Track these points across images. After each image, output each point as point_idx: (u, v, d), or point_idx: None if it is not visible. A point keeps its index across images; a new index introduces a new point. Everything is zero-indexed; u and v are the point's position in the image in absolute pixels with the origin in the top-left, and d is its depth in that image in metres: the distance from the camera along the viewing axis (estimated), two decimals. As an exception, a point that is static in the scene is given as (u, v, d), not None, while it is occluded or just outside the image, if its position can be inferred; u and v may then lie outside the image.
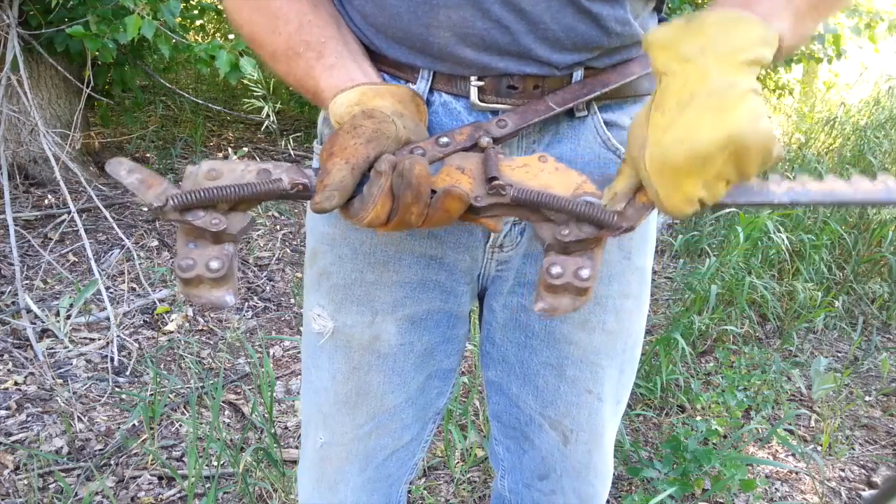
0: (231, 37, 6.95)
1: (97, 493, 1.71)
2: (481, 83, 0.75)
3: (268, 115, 2.79)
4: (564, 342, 0.88)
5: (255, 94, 2.79)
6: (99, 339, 2.36)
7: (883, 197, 0.67)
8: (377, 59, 0.78)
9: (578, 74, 0.76)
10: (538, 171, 0.65)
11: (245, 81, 2.86)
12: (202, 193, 0.61)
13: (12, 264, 2.50)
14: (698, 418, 2.15)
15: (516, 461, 0.99)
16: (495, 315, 0.91)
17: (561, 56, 0.74)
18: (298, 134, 4.85)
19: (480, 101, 0.75)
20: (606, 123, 0.79)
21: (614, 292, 0.87)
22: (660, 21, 0.84)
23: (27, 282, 2.63)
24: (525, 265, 0.86)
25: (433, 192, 0.62)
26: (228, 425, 2.02)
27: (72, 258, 2.89)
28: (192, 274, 0.59)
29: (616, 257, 0.86)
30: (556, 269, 0.62)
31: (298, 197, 0.64)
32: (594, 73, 0.77)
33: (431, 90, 0.77)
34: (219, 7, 6.31)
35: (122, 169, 0.63)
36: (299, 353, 2.43)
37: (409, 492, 1.08)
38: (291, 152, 4.57)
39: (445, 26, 0.71)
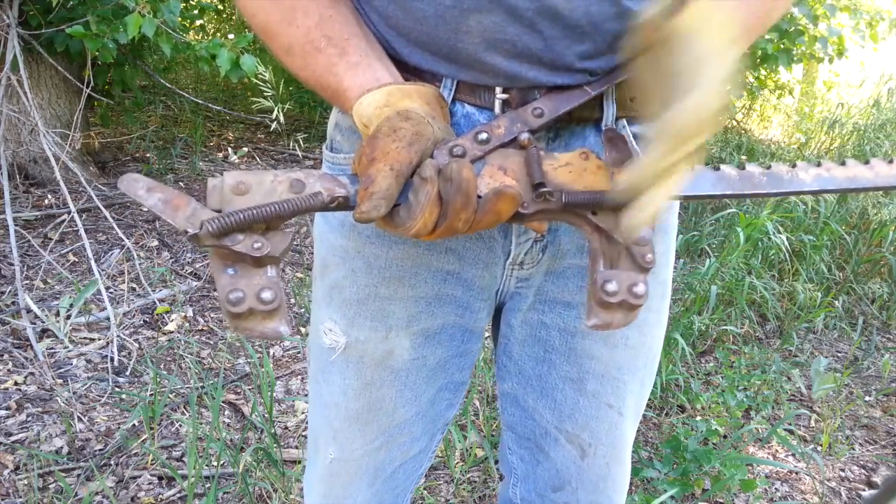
0: (231, 36, 6.96)
1: (97, 493, 1.71)
2: (506, 95, 0.72)
3: (276, 118, 2.79)
4: (586, 357, 0.86)
5: (266, 93, 2.79)
6: (99, 339, 2.36)
7: None
8: (397, 65, 0.73)
9: (608, 94, 0.75)
10: (581, 171, 0.63)
11: (254, 80, 2.86)
12: (241, 216, 0.56)
13: (12, 264, 2.50)
14: (698, 418, 2.15)
15: (530, 471, 0.98)
16: (513, 330, 0.89)
17: (595, 63, 0.71)
18: (304, 134, 4.86)
19: (504, 113, 0.72)
20: (635, 137, 0.77)
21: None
22: None
23: (27, 282, 2.63)
24: (546, 283, 0.84)
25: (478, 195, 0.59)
26: (228, 425, 2.02)
27: (72, 258, 2.89)
28: (243, 308, 0.55)
29: None
30: (611, 287, 0.60)
31: (338, 209, 0.60)
32: (623, 88, 0.75)
33: (454, 100, 0.74)
34: (219, 7, 6.31)
35: (139, 187, 0.57)
36: (299, 353, 2.43)
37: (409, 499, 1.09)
38: (299, 153, 4.57)
39: (475, 31, 0.68)
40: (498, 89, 0.72)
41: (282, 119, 2.78)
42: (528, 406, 0.93)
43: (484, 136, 0.64)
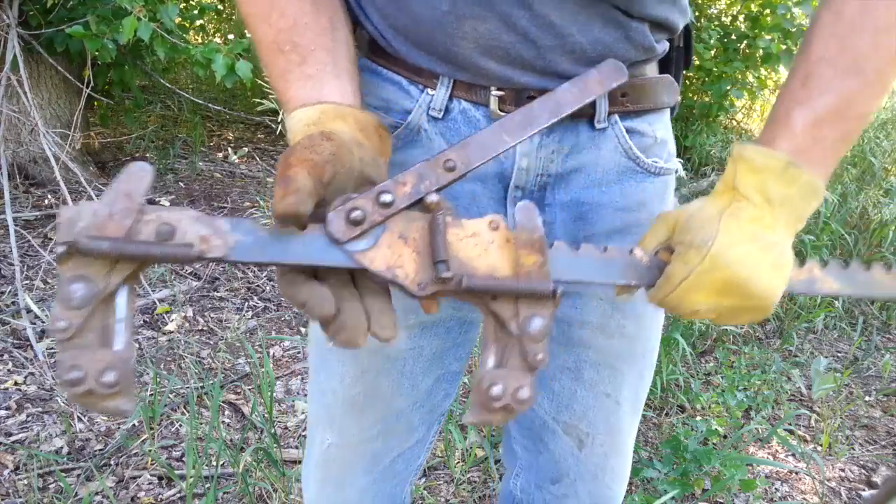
0: (231, 36, 6.96)
1: (97, 493, 1.71)
2: (501, 93, 0.74)
3: (280, 119, 2.79)
4: (582, 346, 0.88)
5: (271, 95, 2.79)
6: (99, 339, 2.36)
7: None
8: (395, 62, 0.77)
9: None
10: (488, 245, 0.58)
11: (258, 81, 2.86)
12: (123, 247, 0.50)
13: (12, 264, 2.50)
14: (698, 418, 2.15)
15: (532, 461, 0.99)
16: None
17: (584, 68, 0.72)
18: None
19: (500, 110, 0.75)
20: (627, 131, 0.79)
21: (636, 297, 0.88)
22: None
23: (27, 282, 2.63)
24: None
25: (374, 272, 0.56)
26: (228, 425, 2.02)
27: (72, 258, 2.89)
28: (82, 389, 0.49)
29: None
30: (496, 391, 0.57)
31: (209, 260, 0.54)
32: (616, 88, 0.77)
33: (451, 97, 0.76)
34: (219, 7, 6.31)
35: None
36: (299, 353, 2.43)
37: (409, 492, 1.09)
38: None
39: (470, 38, 0.70)
40: (493, 88, 0.74)
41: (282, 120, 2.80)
42: None
43: (387, 197, 0.57)
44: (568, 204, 0.81)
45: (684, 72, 0.87)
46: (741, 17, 4.89)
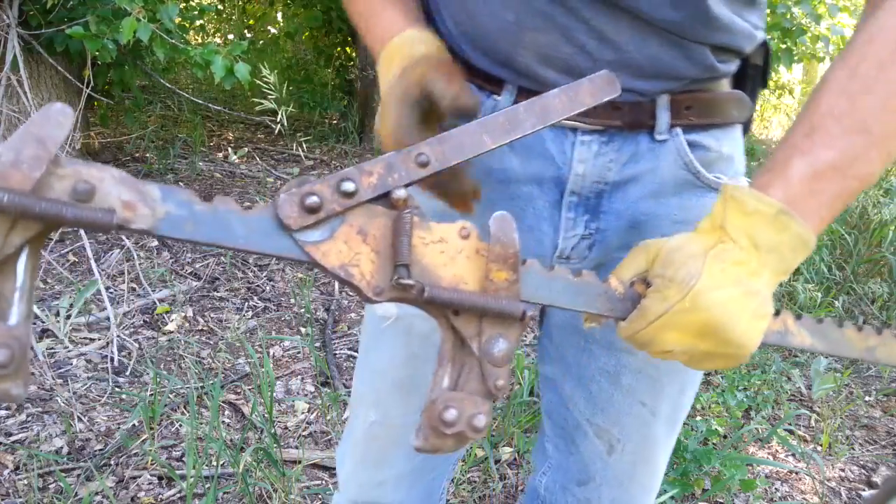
0: (231, 36, 6.96)
1: (97, 493, 1.71)
2: None
3: (280, 119, 2.79)
4: (625, 351, 0.87)
5: (270, 95, 2.79)
6: (99, 339, 2.36)
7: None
8: (467, 68, 0.78)
9: (663, 100, 0.75)
10: (455, 254, 0.54)
11: (258, 82, 2.86)
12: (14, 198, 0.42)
13: (12, 264, 2.50)
14: (698, 418, 2.15)
15: (562, 461, 1.00)
16: (557, 317, 0.91)
17: (644, 83, 0.74)
18: (304, 135, 4.86)
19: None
20: (690, 144, 0.78)
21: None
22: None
23: (27, 282, 2.63)
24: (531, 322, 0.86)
25: (325, 268, 0.51)
26: (228, 425, 2.02)
27: (72, 258, 2.89)
28: None
29: None
30: (450, 416, 0.52)
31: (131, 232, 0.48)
32: (679, 99, 0.76)
33: (515, 104, 0.77)
34: (219, 7, 6.30)
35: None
36: (299, 353, 2.43)
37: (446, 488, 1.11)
38: (302, 154, 4.57)
39: (531, 48, 0.73)
40: None
41: (285, 121, 2.79)
42: (564, 393, 0.94)
43: (350, 186, 0.52)
44: (623, 213, 0.80)
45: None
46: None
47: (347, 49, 5.70)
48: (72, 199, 0.44)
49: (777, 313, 0.63)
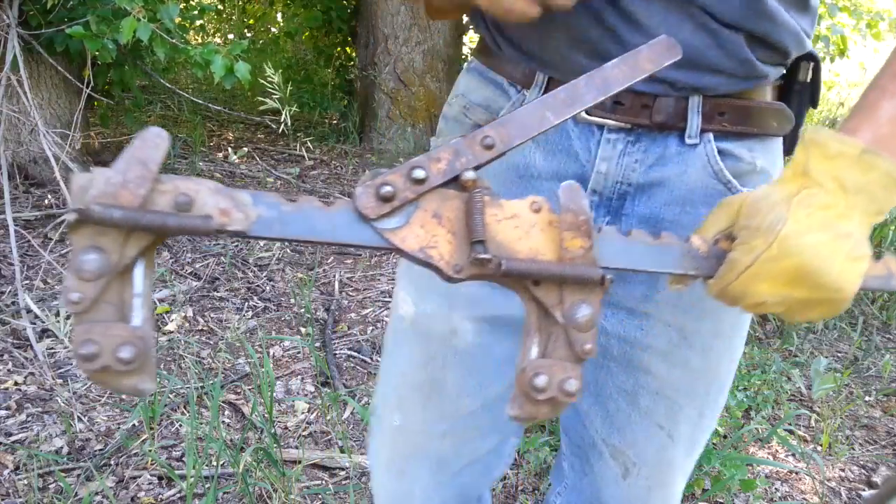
0: (231, 36, 6.96)
1: (97, 493, 1.71)
2: None
3: (284, 119, 2.79)
4: (642, 371, 0.84)
5: (273, 95, 2.79)
6: (99, 339, 2.36)
7: None
8: (500, 63, 0.78)
9: (695, 101, 0.73)
10: (529, 227, 0.55)
11: (262, 81, 2.85)
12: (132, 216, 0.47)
13: (12, 264, 2.50)
14: (698, 418, 2.15)
15: (577, 481, 0.97)
16: None
17: (676, 73, 0.70)
18: (305, 134, 4.85)
19: (586, 112, 0.73)
20: (720, 152, 0.75)
21: (705, 329, 0.82)
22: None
23: (27, 282, 2.63)
24: (614, 286, 0.81)
25: (406, 252, 0.54)
26: (228, 425, 2.02)
27: (72, 258, 2.89)
28: (96, 366, 0.47)
29: None
30: (540, 382, 0.54)
31: (229, 235, 0.52)
32: (712, 103, 0.73)
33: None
34: (219, 7, 6.30)
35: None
36: (299, 353, 2.43)
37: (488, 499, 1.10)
38: (305, 155, 4.56)
39: (562, 30, 0.71)
40: None
41: (289, 121, 2.79)
42: (581, 410, 0.92)
43: (420, 173, 0.54)
44: (647, 218, 0.78)
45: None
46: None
47: (347, 49, 5.70)
48: (174, 210, 0.49)
49: (878, 257, 0.62)
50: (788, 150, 0.83)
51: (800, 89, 0.78)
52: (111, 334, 0.47)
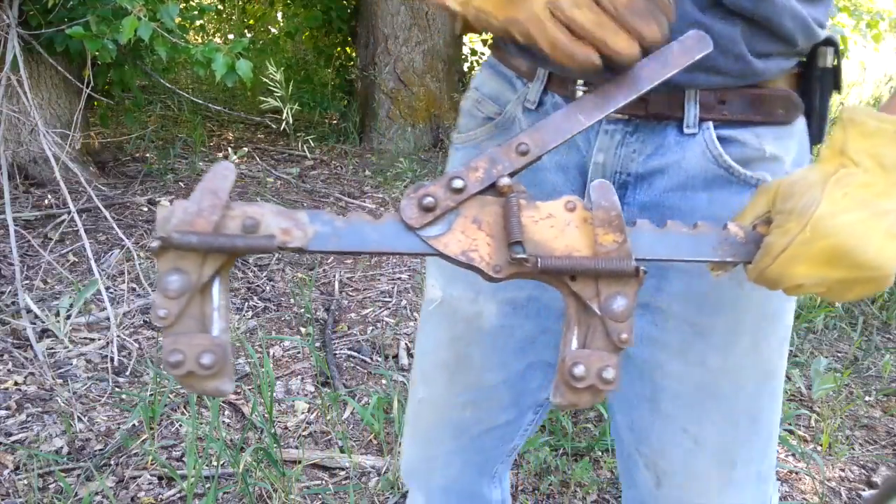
0: (231, 36, 6.96)
1: (97, 493, 1.71)
2: (585, 88, 0.74)
3: (286, 118, 2.79)
4: (658, 371, 0.83)
5: (275, 93, 2.79)
6: (99, 339, 2.36)
7: None
8: (509, 57, 0.81)
9: (691, 93, 0.72)
10: (564, 226, 0.58)
11: (265, 79, 2.86)
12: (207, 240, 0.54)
13: (12, 264, 2.50)
14: (698, 418, 2.15)
15: (626, 492, 0.97)
16: None
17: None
18: (304, 134, 4.85)
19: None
20: (723, 139, 0.74)
21: (720, 325, 0.80)
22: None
23: (27, 282, 2.63)
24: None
25: (449, 257, 0.58)
26: (228, 425, 2.02)
27: (72, 258, 2.89)
28: (182, 371, 0.54)
29: (726, 283, 0.77)
30: (579, 371, 0.57)
31: (290, 251, 0.58)
32: (712, 93, 0.73)
33: (545, 90, 0.79)
34: (219, 7, 6.30)
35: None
36: (299, 353, 2.43)
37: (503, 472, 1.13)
38: (307, 154, 4.56)
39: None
40: (579, 82, 0.74)
41: (290, 119, 2.79)
42: (616, 420, 0.92)
43: (459, 183, 0.58)
44: (648, 205, 0.77)
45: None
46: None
47: (347, 49, 5.70)
48: (242, 232, 0.55)
49: None
50: (817, 137, 0.82)
51: (820, 75, 0.77)
52: (194, 344, 0.54)
